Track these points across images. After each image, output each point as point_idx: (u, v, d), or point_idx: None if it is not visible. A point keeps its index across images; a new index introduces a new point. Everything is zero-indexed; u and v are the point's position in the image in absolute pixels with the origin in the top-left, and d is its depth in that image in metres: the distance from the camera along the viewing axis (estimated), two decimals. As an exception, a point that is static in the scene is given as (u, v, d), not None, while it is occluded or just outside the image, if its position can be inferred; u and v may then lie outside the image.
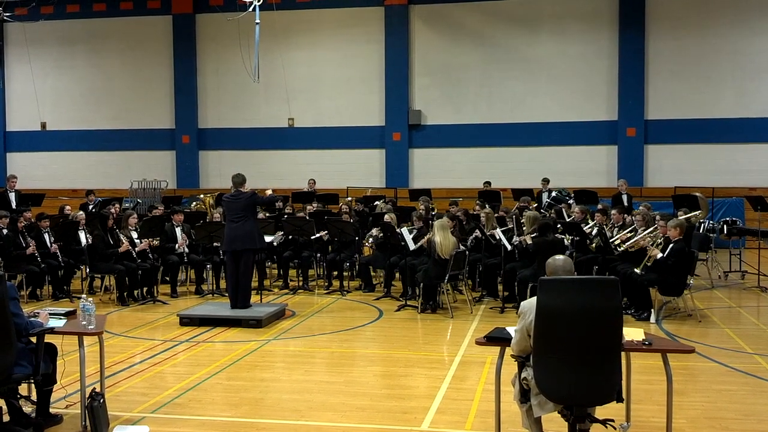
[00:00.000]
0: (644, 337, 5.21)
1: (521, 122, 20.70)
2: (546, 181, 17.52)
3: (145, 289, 12.02)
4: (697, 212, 13.07)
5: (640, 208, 12.26)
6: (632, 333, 5.23)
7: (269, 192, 11.38)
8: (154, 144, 22.89)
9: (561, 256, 5.03)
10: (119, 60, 23.09)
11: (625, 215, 12.07)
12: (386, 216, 12.70)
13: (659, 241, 10.22)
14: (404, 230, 11.58)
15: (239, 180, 10.39)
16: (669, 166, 19.92)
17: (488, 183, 18.28)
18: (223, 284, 12.48)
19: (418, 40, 21.31)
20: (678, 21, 19.91)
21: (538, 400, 4.74)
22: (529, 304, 4.89)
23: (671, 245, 9.85)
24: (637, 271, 9.98)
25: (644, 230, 10.80)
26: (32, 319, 5.71)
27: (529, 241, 10.75)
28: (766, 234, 13.63)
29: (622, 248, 10.89)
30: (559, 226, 11.78)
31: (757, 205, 13.42)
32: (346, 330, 9.78)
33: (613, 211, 12.15)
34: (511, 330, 5.16)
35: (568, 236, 11.57)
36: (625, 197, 16.10)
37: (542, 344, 4.60)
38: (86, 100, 23.32)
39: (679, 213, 12.25)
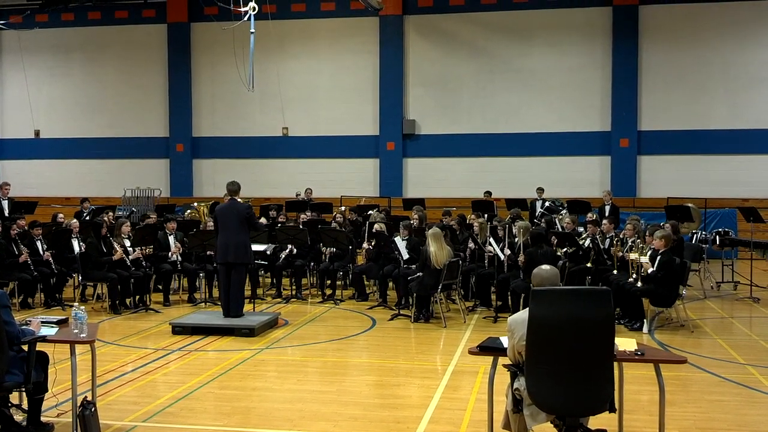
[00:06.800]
0: (637, 348, 5.22)
1: (515, 132, 20.75)
2: (541, 190, 17.56)
3: (137, 297, 11.97)
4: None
5: (629, 220, 12.23)
6: (625, 343, 5.24)
7: (263, 221, 11.42)
8: (148, 152, 22.86)
9: (546, 266, 5.06)
10: (114, 68, 23.09)
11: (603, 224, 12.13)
12: (376, 225, 12.71)
13: (647, 252, 10.25)
14: (398, 239, 11.58)
15: (234, 188, 10.33)
16: (662, 177, 19.98)
17: (489, 193, 18.23)
18: (215, 293, 12.46)
19: (413, 50, 21.37)
20: (671, 33, 20.02)
21: (530, 411, 4.74)
22: (515, 321, 4.90)
23: (658, 257, 9.88)
24: (638, 284, 9.99)
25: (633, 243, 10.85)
26: (24, 327, 5.69)
27: (507, 252, 10.86)
28: (759, 245, 13.67)
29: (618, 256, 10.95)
30: (553, 237, 11.81)
31: (750, 216, 13.47)
32: (339, 339, 9.76)
33: (604, 221, 12.20)
34: (504, 340, 5.17)
35: (561, 249, 11.59)
36: (607, 208, 16.15)
37: (535, 354, 4.61)
38: (80, 108, 23.30)
39: (665, 225, 12.24)
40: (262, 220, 13.03)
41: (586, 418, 4.86)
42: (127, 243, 12.07)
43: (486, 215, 14.65)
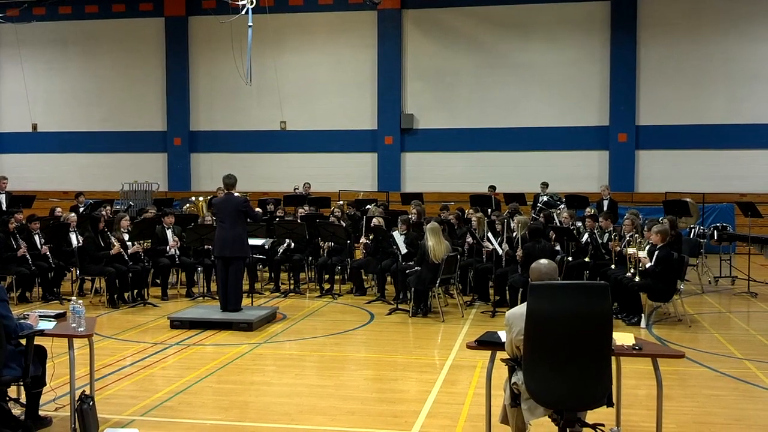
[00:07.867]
0: (634, 342, 5.23)
1: (513, 127, 20.74)
2: (545, 185, 17.54)
3: (135, 291, 11.97)
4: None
5: (628, 215, 12.24)
6: (622, 338, 5.25)
7: (258, 211, 11.48)
8: (146, 146, 22.83)
9: (545, 261, 5.07)
10: (111, 62, 23.02)
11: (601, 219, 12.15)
12: (374, 220, 12.70)
13: (645, 246, 10.25)
14: (396, 234, 11.58)
15: (231, 181, 10.27)
16: (660, 172, 20.00)
17: (493, 187, 18.16)
18: (214, 287, 12.45)
19: (411, 44, 21.34)
20: (669, 27, 20.01)
21: (528, 405, 4.75)
22: (513, 315, 4.91)
23: (656, 252, 9.88)
24: (636, 278, 9.99)
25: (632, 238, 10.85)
26: (22, 321, 5.69)
27: (506, 247, 10.85)
28: (756, 240, 13.68)
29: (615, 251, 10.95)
30: (551, 232, 11.80)
31: (748, 210, 13.47)
32: (337, 333, 9.76)
33: (601, 216, 12.20)
34: (502, 335, 5.17)
35: (557, 242, 11.60)
36: (605, 202, 16.15)
37: (532, 349, 4.61)
38: (78, 102, 23.24)
39: (663, 220, 12.24)
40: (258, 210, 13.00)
41: (583, 413, 4.86)
42: (126, 237, 12.05)
43: (489, 210, 14.65)
